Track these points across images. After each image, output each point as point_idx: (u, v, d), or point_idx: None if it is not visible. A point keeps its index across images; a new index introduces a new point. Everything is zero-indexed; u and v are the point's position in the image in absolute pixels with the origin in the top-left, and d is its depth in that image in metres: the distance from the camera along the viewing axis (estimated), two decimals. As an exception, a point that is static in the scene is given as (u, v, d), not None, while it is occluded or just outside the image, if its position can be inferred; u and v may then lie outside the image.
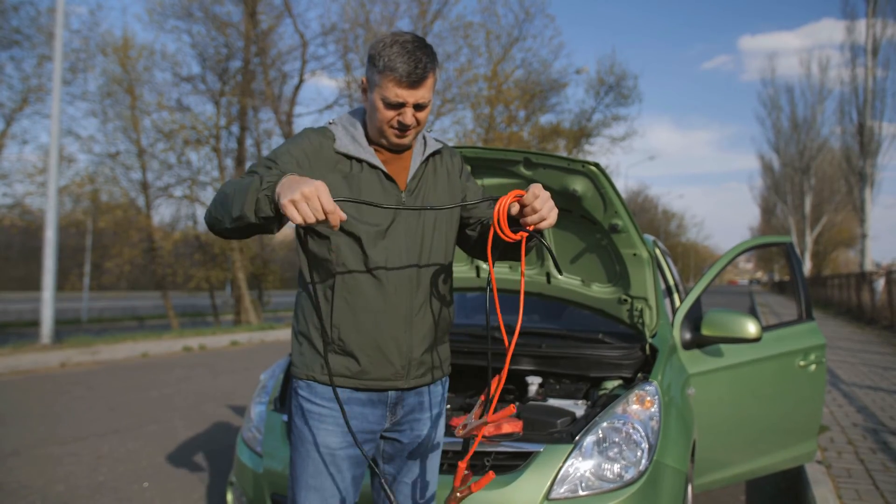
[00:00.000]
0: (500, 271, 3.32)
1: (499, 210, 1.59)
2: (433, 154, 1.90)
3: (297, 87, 21.65)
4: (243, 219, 1.52)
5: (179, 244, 21.35)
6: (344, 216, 1.43)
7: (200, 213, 21.63)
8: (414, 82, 1.67)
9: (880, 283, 17.85)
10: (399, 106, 1.70)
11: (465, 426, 1.64)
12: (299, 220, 1.39)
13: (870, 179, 25.21)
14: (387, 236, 1.76)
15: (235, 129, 21.33)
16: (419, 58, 1.67)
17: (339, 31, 21.47)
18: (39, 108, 17.66)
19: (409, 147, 1.83)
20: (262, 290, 23.50)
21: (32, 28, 16.94)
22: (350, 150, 1.77)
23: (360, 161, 1.77)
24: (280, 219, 1.52)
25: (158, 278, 21.46)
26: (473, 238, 1.94)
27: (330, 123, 1.84)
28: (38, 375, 8.62)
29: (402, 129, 1.73)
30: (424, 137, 1.89)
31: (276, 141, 21.61)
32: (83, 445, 5.07)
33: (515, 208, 1.59)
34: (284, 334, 15.32)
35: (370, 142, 1.81)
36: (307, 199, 1.38)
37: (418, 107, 1.72)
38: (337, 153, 1.77)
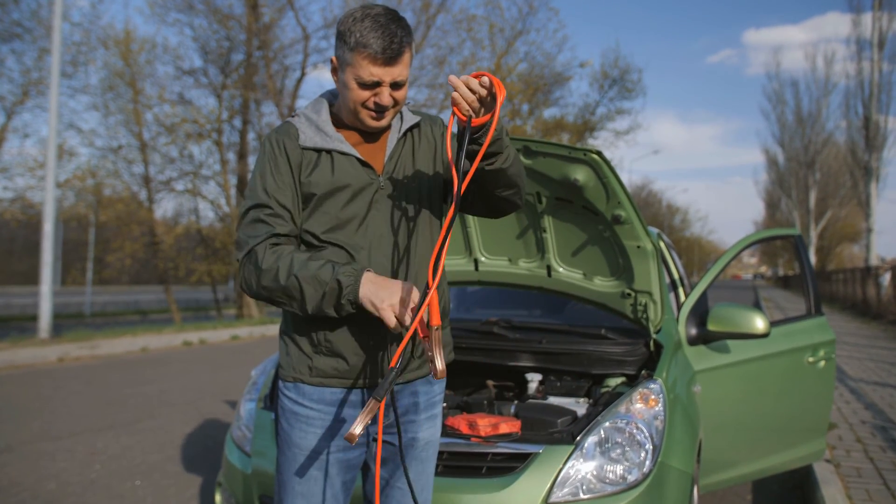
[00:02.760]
0: (499, 265, 3.22)
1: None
2: (412, 128, 1.77)
3: (300, 81, 21.53)
4: (321, 314, 1.57)
5: (181, 238, 21.31)
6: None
7: (203, 207, 21.61)
8: (389, 58, 1.55)
9: (886, 278, 17.77)
10: (374, 85, 1.58)
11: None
12: (397, 326, 1.50)
13: (875, 174, 25.11)
14: (364, 226, 1.65)
15: (238, 122, 21.24)
16: (394, 31, 1.55)
17: (341, 23, 21.29)
18: (40, 102, 17.59)
19: (385, 129, 1.72)
20: (265, 284, 23.38)
21: (33, 21, 16.88)
22: (316, 142, 1.65)
23: (328, 152, 1.66)
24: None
25: (161, 272, 21.41)
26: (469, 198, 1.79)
27: (293, 116, 1.72)
28: (35, 370, 8.56)
29: (379, 110, 1.62)
30: (401, 112, 1.77)
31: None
32: (77, 441, 5.00)
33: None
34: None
35: (343, 124, 1.70)
36: (403, 303, 1.49)
37: (395, 85, 1.60)
38: (304, 149, 1.66)
